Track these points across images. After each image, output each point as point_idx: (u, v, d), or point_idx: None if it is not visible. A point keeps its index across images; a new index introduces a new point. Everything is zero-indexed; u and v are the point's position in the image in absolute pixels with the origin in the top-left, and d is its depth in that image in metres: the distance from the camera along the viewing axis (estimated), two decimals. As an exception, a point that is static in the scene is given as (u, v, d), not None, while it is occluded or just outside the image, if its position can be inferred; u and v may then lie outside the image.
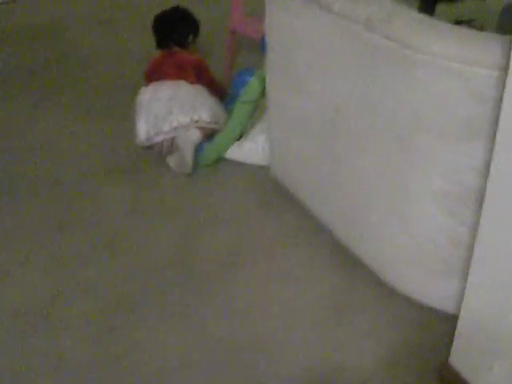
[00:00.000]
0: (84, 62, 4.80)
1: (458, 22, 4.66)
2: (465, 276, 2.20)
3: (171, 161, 3.50)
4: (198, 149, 3.50)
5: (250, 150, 3.52)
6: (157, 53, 3.86)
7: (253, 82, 3.33)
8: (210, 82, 3.80)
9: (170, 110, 3.48)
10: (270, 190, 3.31)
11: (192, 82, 3.67)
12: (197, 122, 3.47)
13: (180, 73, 3.67)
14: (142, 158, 3.63)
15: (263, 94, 3.24)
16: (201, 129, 3.50)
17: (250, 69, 3.43)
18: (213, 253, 2.94)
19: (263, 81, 3.14)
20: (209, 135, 3.55)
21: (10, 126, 3.98)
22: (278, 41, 2.85)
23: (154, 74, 3.74)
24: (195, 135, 3.51)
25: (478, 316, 2.09)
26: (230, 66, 4.46)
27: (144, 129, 3.53)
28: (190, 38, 3.88)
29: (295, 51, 2.72)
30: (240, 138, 3.57)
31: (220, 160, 3.57)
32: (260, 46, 3.03)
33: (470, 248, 2.15)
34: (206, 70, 3.83)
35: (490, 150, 1.90)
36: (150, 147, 3.57)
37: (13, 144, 3.79)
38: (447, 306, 2.46)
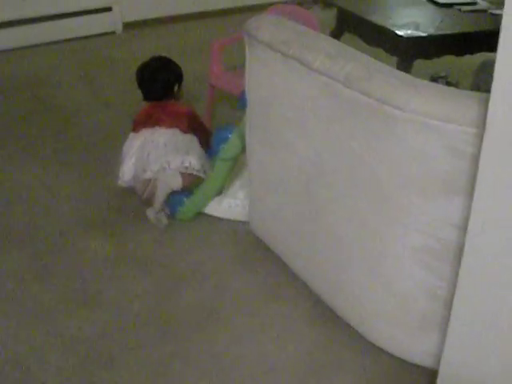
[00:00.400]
0: (63, 115, 4.80)
1: (435, 78, 4.76)
2: (444, 331, 2.21)
3: (150, 213, 3.50)
4: (178, 203, 3.51)
5: (230, 206, 3.54)
6: (143, 104, 3.84)
7: (233, 139, 3.34)
8: (204, 131, 3.82)
9: (162, 154, 3.51)
10: (249, 245, 3.31)
11: (185, 132, 3.68)
12: (187, 168, 3.49)
13: (174, 122, 3.67)
14: (121, 211, 3.62)
15: (243, 150, 3.24)
16: (188, 176, 3.50)
17: (230, 125, 3.43)
18: (190, 308, 2.91)
19: (243, 138, 3.15)
20: (191, 186, 3.54)
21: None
22: (258, 96, 2.87)
23: (147, 122, 3.72)
24: (176, 182, 3.50)
25: (457, 372, 2.09)
26: (210, 120, 4.48)
27: (131, 170, 3.57)
28: (176, 87, 3.85)
29: (275, 107, 2.74)
30: (219, 193, 3.57)
31: (199, 214, 3.56)
32: (239, 102, 3.04)
33: (449, 303, 2.16)
34: (198, 120, 3.84)
35: (469, 205, 1.92)
36: (133, 189, 3.61)
37: (-10, 196, 3.79)
38: (427, 361, 2.46)
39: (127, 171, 3.58)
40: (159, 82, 3.78)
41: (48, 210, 3.64)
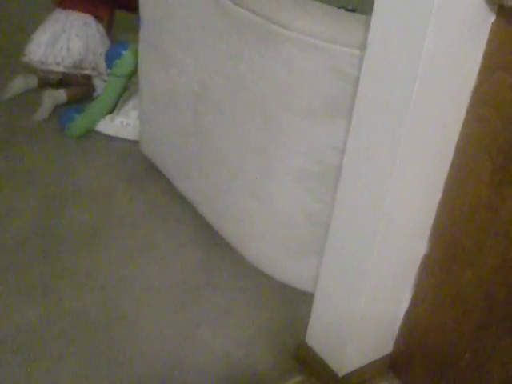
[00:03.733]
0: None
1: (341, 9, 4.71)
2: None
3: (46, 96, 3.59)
4: (68, 119, 3.45)
5: (122, 124, 3.49)
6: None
7: (126, 56, 3.29)
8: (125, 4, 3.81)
9: (75, 50, 3.57)
10: (139, 165, 3.27)
11: (103, 16, 3.75)
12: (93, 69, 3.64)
13: (91, 6, 3.69)
14: (12, 128, 3.53)
15: (136, 68, 3.21)
16: (73, 89, 3.62)
17: (124, 42, 3.39)
18: (76, 226, 2.87)
19: (136, 54, 3.11)
20: (78, 98, 3.63)
21: None
22: (150, 14, 2.82)
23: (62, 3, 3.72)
24: (62, 96, 3.60)
25: (331, 296, 2.11)
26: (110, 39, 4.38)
27: (40, 50, 3.58)
28: None
29: (166, 24, 2.69)
30: (112, 111, 3.52)
31: (91, 132, 3.50)
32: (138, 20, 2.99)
33: (328, 227, 2.16)
34: None
35: (349, 129, 1.91)
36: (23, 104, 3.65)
37: None
38: (307, 286, 2.47)
39: (35, 50, 3.58)
40: None
41: None
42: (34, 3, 4.93)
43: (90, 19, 3.66)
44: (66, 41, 3.56)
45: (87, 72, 3.63)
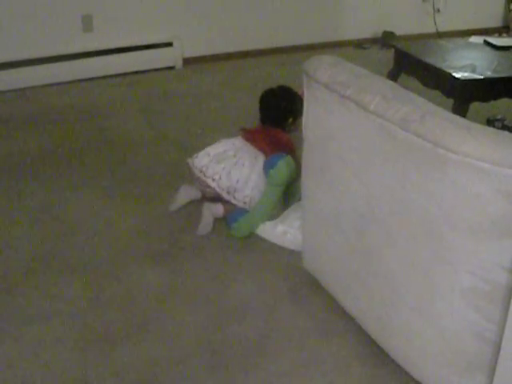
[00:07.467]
0: (121, 147, 4.90)
1: (491, 121, 4.78)
2: (491, 373, 2.21)
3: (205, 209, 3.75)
4: (232, 220, 3.66)
5: (284, 233, 3.63)
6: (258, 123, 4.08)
7: (279, 166, 3.49)
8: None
9: (230, 171, 3.72)
10: (301, 279, 3.33)
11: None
12: (245, 203, 3.73)
13: (266, 147, 3.82)
14: (176, 243, 3.68)
15: (291, 177, 3.33)
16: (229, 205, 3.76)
17: (280, 153, 3.62)
18: (239, 341, 2.94)
19: (290, 166, 3.24)
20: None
21: (47, 206, 4.06)
22: (313, 135, 2.92)
23: (247, 137, 3.91)
24: (219, 210, 3.77)
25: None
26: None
27: (205, 159, 3.78)
28: (290, 120, 3.97)
29: (330, 146, 2.79)
30: (272, 218, 3.70)
31: (253, 241, 3.65)
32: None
33: (497, 345, 2.17)
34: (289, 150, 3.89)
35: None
36: (191, 222, 3.81)
37: (48, 225, 3.86)
38: (474, 403, 2.46)
39: (201, 157, 3.81)
40: (275, 110, 3.97)
41: (104, 240, 3.71)
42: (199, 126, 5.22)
43: (261, 156, 3.80)
44: (231, 164, 3.73)
45: (239, 204, 3.75)
